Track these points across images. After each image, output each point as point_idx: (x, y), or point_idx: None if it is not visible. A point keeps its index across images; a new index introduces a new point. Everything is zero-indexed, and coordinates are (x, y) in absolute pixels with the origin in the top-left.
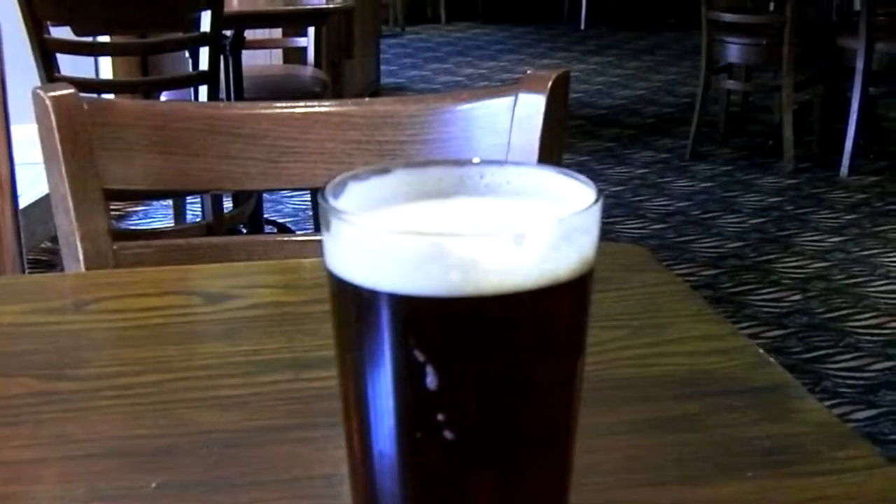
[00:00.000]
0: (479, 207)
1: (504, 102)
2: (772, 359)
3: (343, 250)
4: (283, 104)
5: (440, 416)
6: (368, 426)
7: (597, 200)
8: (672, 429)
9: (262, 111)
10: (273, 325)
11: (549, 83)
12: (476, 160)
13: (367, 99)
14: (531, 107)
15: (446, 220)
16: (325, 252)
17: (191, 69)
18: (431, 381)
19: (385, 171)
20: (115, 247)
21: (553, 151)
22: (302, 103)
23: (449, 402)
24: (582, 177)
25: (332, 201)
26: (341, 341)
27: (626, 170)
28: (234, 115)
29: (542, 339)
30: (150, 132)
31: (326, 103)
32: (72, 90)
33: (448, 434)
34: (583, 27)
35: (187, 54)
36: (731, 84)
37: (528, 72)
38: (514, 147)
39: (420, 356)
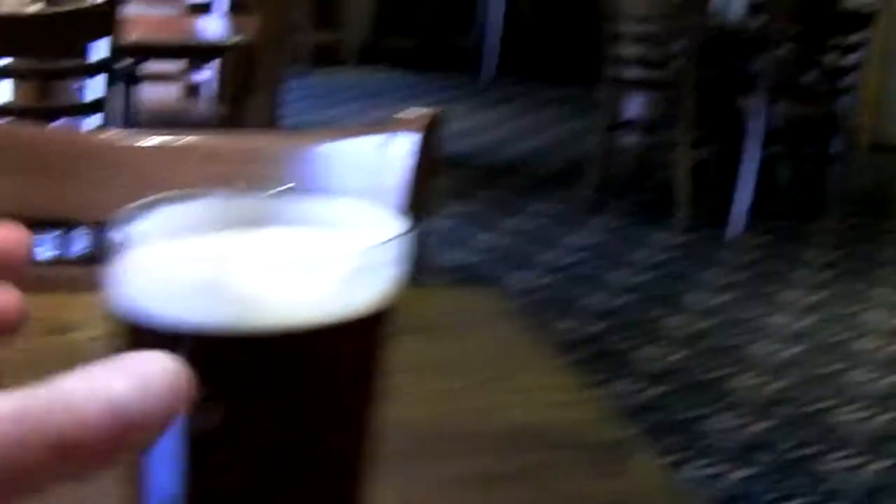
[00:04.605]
0: (276, 237)
1: (376, 141)
2: (616, 414)
3: (124, 280)
4: (151, 134)
5: (223, 457)
6: (150, 467)
7: (397, 235)
8: (507, 483)
9: (129, 140)
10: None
11: (422, 124)
12: (286, 187)
13: (238, 133)
14: (403, 147)
15: (238, 249)
16: (106, 282)
17: (85, 98)
18: (214, 418)
19: (187, 198)
20: None
21: (424, 192)
22: (170, 134)
23: (233, 441)
24: (396, 211)
25: (120, 228)
26: None
27: (521, 221)
28: (100, 143)
29: (330, 378)
30: (17, 155)
31: (195, 136)
32: None
33: (231, 475)
34: (491, 76)
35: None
36: (629, 139)
37: (402, 112)
38: (385, 186)
39: (202, 392)
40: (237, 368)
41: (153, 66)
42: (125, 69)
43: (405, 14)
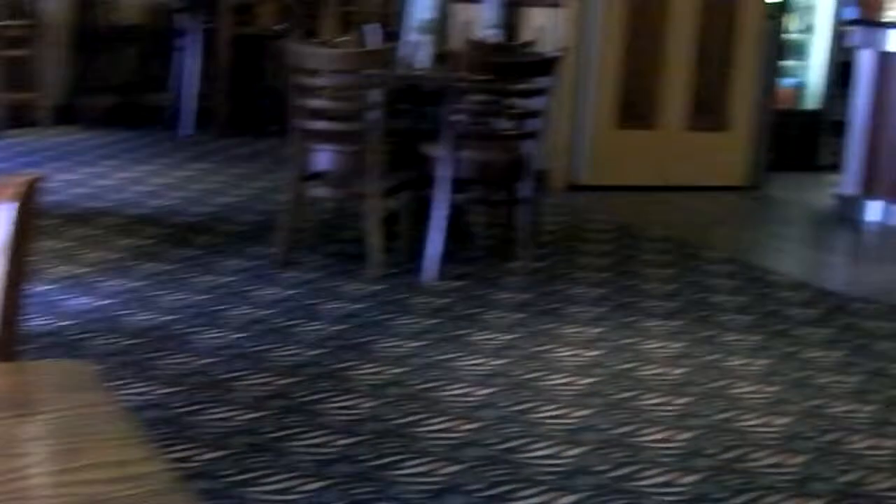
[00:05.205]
0: None
1: None
2: (183, 484)
3: None
4: None
5: None
6: None
7: None
8: None
9: None
10: None
11: (19, 189)
12: None
13: None
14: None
15: None
16: None
17: None
18: None
19: None
20: None
21: (22, 256)
22: None
23: None
24: None
25: None
26: None
27: (213, 278)
28: None
29: None
30: None
31: None
32: None
33: None
34: (188, 133)
35: None
36: (319, 192)
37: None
38: None
39: None
40: None
41: None
42: None
43: (100, 73)
